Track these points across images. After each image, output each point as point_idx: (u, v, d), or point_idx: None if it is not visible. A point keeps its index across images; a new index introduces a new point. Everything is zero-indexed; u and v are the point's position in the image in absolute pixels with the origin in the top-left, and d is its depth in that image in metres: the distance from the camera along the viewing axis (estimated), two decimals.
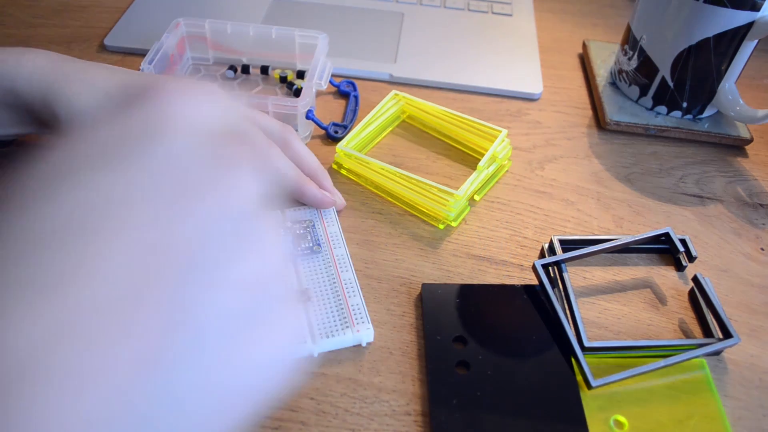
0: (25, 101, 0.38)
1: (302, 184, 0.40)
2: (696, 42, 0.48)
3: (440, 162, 0.48)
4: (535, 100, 0.56)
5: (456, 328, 0.37)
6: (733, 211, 0.47)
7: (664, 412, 0.34)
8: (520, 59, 0.59)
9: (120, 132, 0.19)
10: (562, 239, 0.41)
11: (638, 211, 0.46)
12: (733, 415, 0.35)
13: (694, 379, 0.36)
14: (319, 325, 0.36)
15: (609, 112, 0.53)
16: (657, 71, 0.51)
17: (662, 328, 0.39)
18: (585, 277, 0.41)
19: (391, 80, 0.56)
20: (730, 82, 0.50)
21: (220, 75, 0.54)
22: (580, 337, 0.36)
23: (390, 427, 0.33)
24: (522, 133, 0.52)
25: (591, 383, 0.34)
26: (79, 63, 0.39)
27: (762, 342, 0.38)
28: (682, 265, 0.42)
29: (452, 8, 0.65)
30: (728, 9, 0.45)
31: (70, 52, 0.56)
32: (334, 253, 0.39)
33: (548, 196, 0.47)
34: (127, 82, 0.38)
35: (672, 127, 0.52)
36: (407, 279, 0.40)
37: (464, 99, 0.55)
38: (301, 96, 0.46)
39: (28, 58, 0.38)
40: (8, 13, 0.61)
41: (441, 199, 0.42)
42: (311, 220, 0.41)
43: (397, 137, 0.51)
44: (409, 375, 0.35)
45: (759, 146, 0.53)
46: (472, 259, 0.42)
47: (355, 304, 0.37)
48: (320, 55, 0.50)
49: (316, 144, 0.49)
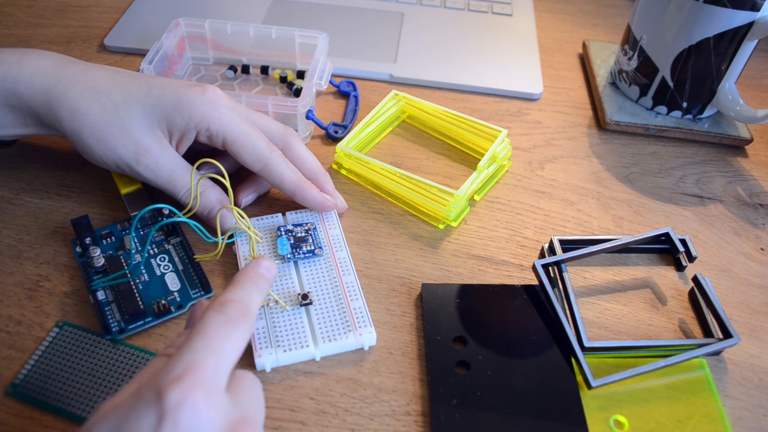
0: (28, 103, 0.38)
1: (303, 187, 0.40)
2: (696, 42, 0.48)
3: (440, 162, 0.48)
4: (535, 100, 0.56)
5: (456, 328, 0.37)
6: (733, 211, 0.47)
7: (664, 412, 0.34)
8: (520, 59, 0.59)
9: None
10: (562, 239, 0.41)
11: (638, 211, 0.46)
12: (733, 415, 0.35)
13: (694, 379, 0.36)
14: (321, 328, 0.36)
15: (609, 112, 0.53)
16: (657, 71, 0.51)
17: (662, 328, 0.39)
18: (585, 277, 0.41)
19: (391, 80, 0.56)
20: (730, 82, 0.50)
21: (220, 75, 0.54)
22: (580, 337, 0.36)
23: (390, 427, 0.33)
24: (522, 133, 0.52)
25: (591, 383, 0.34)
26: (81, 65, 0.39)
27: (762, 342, 0.38)
28: (682, 265, 0.42)
29: (452, 8, 0.65)
30: (728, 9, 0.45)
31: (70, 52, 0.56)
32: (336, 256, 0.39)
33: (548, 196, 0.47)
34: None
35: (672, 127, 0.52)
36: (407, 279, 0.40)
37: (464, 99, 0.55)
38: (301, 96, 0.46)
39: (31, 59, 0.38)
40: (8, 13, 0.61)
41: (441, 199, 0.42)
42: (312, 223, 0.41)
43: (397, 137, 0.51)
44: (409, 375, 0.35)
45: (759, 146, 0.53)
46: (472, 259, 0.42)
47: (358, 307, 0.37)
48: (320, 55, 0.50)
49: (316, 144, 0.49)
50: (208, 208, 0.40)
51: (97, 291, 0.37)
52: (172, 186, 0.39)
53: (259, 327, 0.35)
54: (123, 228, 0.41)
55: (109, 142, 0.38)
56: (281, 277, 0.38)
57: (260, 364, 0.34)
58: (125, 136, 0.38)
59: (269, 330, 0.35)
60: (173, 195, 0.40)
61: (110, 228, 0.40)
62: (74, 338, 0.35)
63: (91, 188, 0.44)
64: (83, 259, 0.39)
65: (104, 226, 0.41)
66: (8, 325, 0.36)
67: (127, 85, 0.38)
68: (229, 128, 0.38)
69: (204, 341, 0.25)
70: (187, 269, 0.39)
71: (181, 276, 0.38)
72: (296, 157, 0.41)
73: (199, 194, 0.39)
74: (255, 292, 0.30)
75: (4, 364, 0.34)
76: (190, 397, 0.23)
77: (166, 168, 0.39)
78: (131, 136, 0.38)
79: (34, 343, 0.35)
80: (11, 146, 0.44)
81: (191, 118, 0.38)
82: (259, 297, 0.30)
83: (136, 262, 0.38)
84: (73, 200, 0.43)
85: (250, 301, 0.29)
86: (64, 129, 0.38)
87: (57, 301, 0.37)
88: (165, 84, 0.39)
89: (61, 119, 0.38)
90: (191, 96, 0.38)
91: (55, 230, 0.41)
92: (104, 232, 0.40)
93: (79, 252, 0.39)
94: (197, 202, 0.39)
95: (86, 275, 0.38)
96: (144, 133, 0.38)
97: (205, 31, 0.53)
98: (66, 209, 0.43)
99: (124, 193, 0.42)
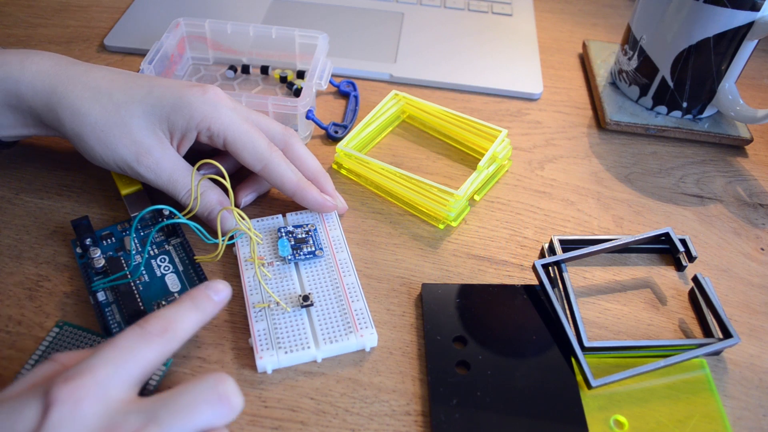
0: (29, 104, 0.38)
1: (303, 188, 0.40)
2: (696, 42, 0.48)
3: (440, 162, 0.48)
4: (535, 100, 0.56)
5: (456, 328, 0.37)
6: (733, 211, 0.47)
7: (664, 412, 0.34)
8: (520, 59, 0.59)
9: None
10: (562, 239, 0.41)
11: (638, 211, 0.46)
12: (733, 415, 0.35)
13: (694, 379, 0.36)
14: (323, 330, 0.36)
15: (609, 112, 0.53)
16: (657, 71, 0.51)
17: (662, 328, 0.39)
18: (585, 277, 0.41)
19: (391, 80, 0.56)
20: (730, 82, 0.50)
21: (220, 75, 0.54)
22: (580, 337, 0.36)
23: (390, 427, 0.33)
24: (522, 133, 0.52)
25: (591, 383, 0.34)
26: (82, 66, 0.39)
27: (762, 342, 0.38)
28: (682, 265, 0.42)
29: (452, 8, 0.65)
30: (728, 9, 0.45)
31: (70, 52, 0.56)
32: (337, 258, 0.39)
33: (548, 196, 0.47)
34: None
35: (672, 127, 0.52)
36: (407, 279, 0.40)
37: (464, 99, 0.55)
38: (301, 96, 0.46)
39: (32, 60, 0.38)
40: (8, 13, 0.61)
41: (441, 199, 0.42)
42: (313, 224, 0.41)
43: (397, 137, 0.51)
44: (409, 375, 0.35)
45: (759, 146, 0.53)
46: (472, 259, 0.42)
47: (359, 308, 0.37)
48: (320, 55, 0.50)
49: (316, 144, 0.49)
50: (208, 209, 0.40)
51: (97, 292, 0.37)
52: (173, 187, 0.39)
53: (260, 329, 0.35)
54: (123, 229, 0.41)
55: (109, 143, 0.38)
56: (282, 279, 0.38)
57: (261, 365, 0.34)
58: (126, 136, 0.38)
59: (270, 332, 0.35)
60: (174, 196, 0.40)
61: (110, 229, 0.41)
62: (74, 338, 0.35)
63: (92, 188, 0.44)
64: (83, 260, 0.39)
65: (104, 227, 0.41)
66: (8, 325, 0.36)
67: (128, 86, 0.38)
68: (229, 128, 0.38)
69: (108, 352, 0.27)
70: (187, 270, 0.39)
71: (181, 277, 0.38)
72: (296, 158, 0.41)
73: (200, 195, 0.39)
74: (191, 312, 0.31)
75: (4, 364, 0.34)
76: (76, 393, 0.25)
77: (166, 169, 0.39)
78: (132, 137, 0.38)
79: (34, 343, 0.35)
80: (12, 147, 0.44)
81: (192, 118, 0.38)
82: (195, 317, 0.31)
83: (137, 263, 0.38)
84: (73, 200, 0.43)
85: (178, 320, 0.30)
86: (65, 130, 0.38)
87: (57, 301, 0.37)
88: (166, 84, 0.39)
89: (62, 120, 0.38)
90: (192, 96, 0.38)
91: (55, 230, 0.41)
92: (104, 233, 0.40)
93: (80, 253, 0.39)
94: (197, 203, 0.39)
95: (86, 276, 0.38)
96: (145, 133, 0.38)
97: (205, 31, 0.53)
98: (66, 209, 0.43)
99: (125, 193, 0.42)
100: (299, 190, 0.40)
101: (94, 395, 0.26)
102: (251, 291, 0.37)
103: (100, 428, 0.25)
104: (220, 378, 0.28)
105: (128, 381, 0.27)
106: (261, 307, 0.36)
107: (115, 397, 0.26)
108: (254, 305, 0.36)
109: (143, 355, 0.28)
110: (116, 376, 0.27)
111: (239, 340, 0.36)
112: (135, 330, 0.29)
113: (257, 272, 0.37)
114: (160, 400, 0.27)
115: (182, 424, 0.26)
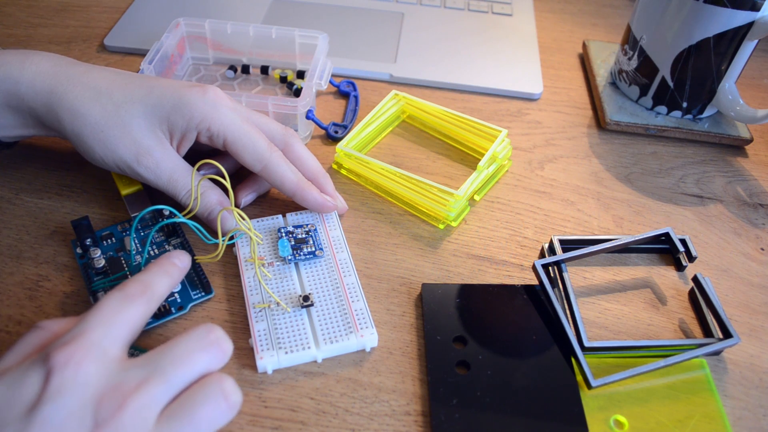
0: (29, 104, 0.38)
1: (303, 188, 0.40)
2: (696, 42, 0.48)
3: (440, 162, 0.48)
4: (535, 100, 0.56)
5: (456, 328, 0.37)
6: (733, 211, 0.47)
7: (664, 412, 0.34)
8: (520, 59, 0.59)
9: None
10: (562, 239, 0.41)
11: (638, 211, 0.46)
12: (733, 415, 0.35)
13: (694, 379, 0.36)
14: (323, 330, 0.36)
15: (609, 112, 0.53)
16: (657, 71, 0.51)
17: (662, 328, 0.39)
18: (585, 277, 0.41)
19: (391, 80, 0.56)
20: (730, 82, 0.50)
21: (220, 75, 0.54)
22: (580, 337, 0.36)
23: (390, 427, 0.33)
24: (522, 133, 0.52)
25: (591, 383, 0.34)
26: (82, 66, 0.39)
27: (762, 342, 0.38)
28: (682, 265, 0.42)
29: (452, 8, 0.65)
30: (728, 9, 0.45)
31: (70, 52, 0.56)
32: (337, 258, 0.39)
33: (548, 196, 0.47)
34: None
35: (672, 127, 0.52)
36: (407, 279, 0.40)
37: (464, 99, 0.55)
38: (301, 96, 0.46)
39: (32, 61, 0.38)
40: (8, 13, 0.61)
41: (441, 199, 0.42)
42: (313, 225, 0.41)
43: (397, 137, 0.51)
44: (409, 375, 0.35)
45: (759, 146, 0.53)
46: (472, 259, 0.42)
47: (359, 308, 0.37)
48: (320, 55, 0.50)
49: (316, 144, 0.49)
50: (208, 210, 0.40)
51: (97, 292, 0.37)
52: (173, 187, 0.39)
53: (260, 329, 0.35)
54: (123, 229, 0.41)
55: (109, 143, 0.38)
56: (282, 279, 0.38)
57: (262, 366, 0.34)
58: (126, 136, 0.38)
59: (270, 332, 0.35)
60: (174, 196, 0.40)
61: (110, 229, 0.41)
62: None
63: (91, 188, 0.44)
64: (84, 260, 0.39)
65: (105, 227, 0.41)
66: (8, 325, 0.36)
67: (128, 86, 0.38)
68: (229, 128, 0.38)
69: (96, 315, 0.28)
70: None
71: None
72: (296, 158, 0.41)
73: (200, 195, 0.39)
74: (162, 276, 0.33)
75: None
76: (75, 356, 0.26)
77: (166, 169, 0.39)
78: (132, 137, 0.38)
79: None
80: (12, 147, 0.44)
81: (192, 119, 0.38)
82: (167, 281, 0.33)
83: (137, 263, 0.39)
84: (73, 200, 0.43)
85: (153, 282, 0.32)
86: (65, 130, 0.38)
87: (57, 301, 0.37)
88: (166, 84, 0.39)
89: (62, 120, 0.38)
90: (192, 96, 0.38)
91: (55, 230, 0.41)
92: (105, 233, 0.40)
93: (80, 253, 0.39)
94: (198, 203, 0.39)
95: (87, 276, 0.38)
96: (145, 133, 0.38)
97: (205, 31, 0.53)
98: (66, 209, 0.43)
99: (125, 193, 0.42)
100: (299, 191, 0.40)
101: (94, 356, 0.27)
102: (251, 291, 0.37)
103: (104, 387, 0.26)
104: (209, 327, 0.29)
105: (120, 340, 0.28)
106: (261, 308, 0.36)
107: (111, 356, 0.27)
108: (254, 305, 0.36)
109: (130, 316, 0.29)
110: (109, 336, 0.28)
111: (239, 340, 0.36)
112: (116, 294, 0.30)
113: (257, 272, 0.37)
114: (156, 353, 0.28)
115: (182, 372, 0.28)
